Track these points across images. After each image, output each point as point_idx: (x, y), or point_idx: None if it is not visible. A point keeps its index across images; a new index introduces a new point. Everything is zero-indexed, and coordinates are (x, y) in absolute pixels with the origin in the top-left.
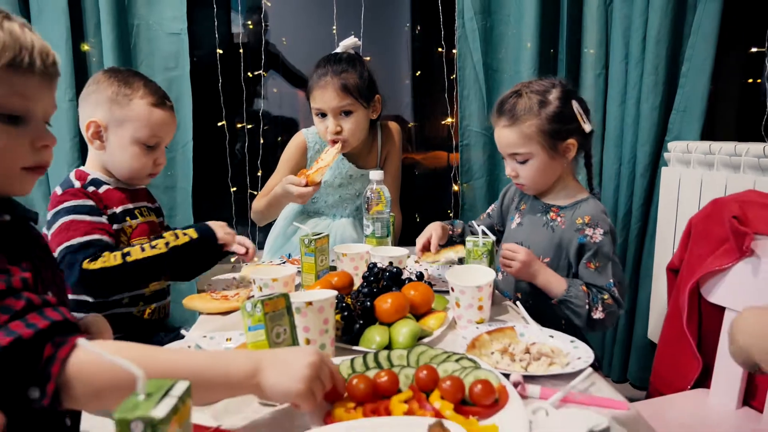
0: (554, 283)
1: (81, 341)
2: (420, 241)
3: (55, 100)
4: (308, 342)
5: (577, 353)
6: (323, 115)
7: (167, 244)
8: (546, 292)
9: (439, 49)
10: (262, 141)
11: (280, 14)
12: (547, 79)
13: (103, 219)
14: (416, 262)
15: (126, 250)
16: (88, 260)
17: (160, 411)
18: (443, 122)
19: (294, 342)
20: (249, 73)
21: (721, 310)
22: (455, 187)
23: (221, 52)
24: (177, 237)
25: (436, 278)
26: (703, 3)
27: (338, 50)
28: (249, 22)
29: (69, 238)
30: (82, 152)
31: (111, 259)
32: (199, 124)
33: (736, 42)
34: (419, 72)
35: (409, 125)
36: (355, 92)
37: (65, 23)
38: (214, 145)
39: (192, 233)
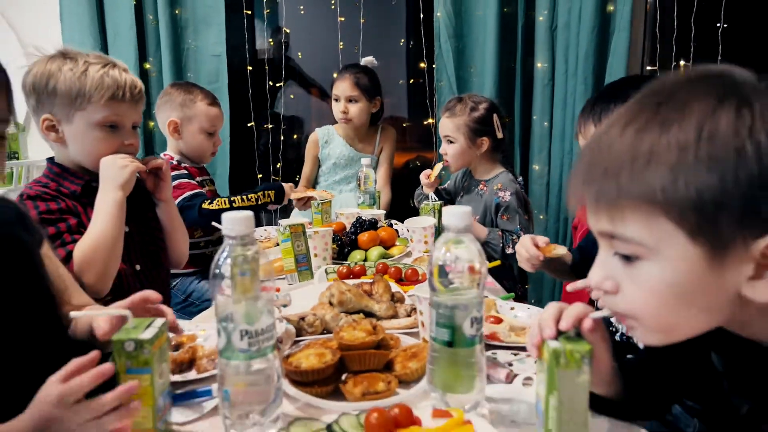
0: (480, 231)
1: None
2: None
3: (141, 113)
4: (315, 256)
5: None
6: (337, 100)
7: (257, 199)
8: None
9: (422, 64)
10: (282, 138)
11: (296, 35)
12: (485, 97)
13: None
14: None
15: (231, 198)
16: (206, 203)
17: (146, 335)
18: (425, 122)
19: (307, 251)
20: (271, 83)
21: None
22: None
23: (251, 68)
24: (264, 196)
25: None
26: (617, 31)
27: (360, 62)
28: (271, 41)
29: (182, 193)
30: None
31: (222, 203)
32: (233, 125)
33: (641, 61)
34: (412, 80)
35: (404, 124)
36: (362, 88)
37: (134, 47)
38: (244, 142)
39: (271, 194)
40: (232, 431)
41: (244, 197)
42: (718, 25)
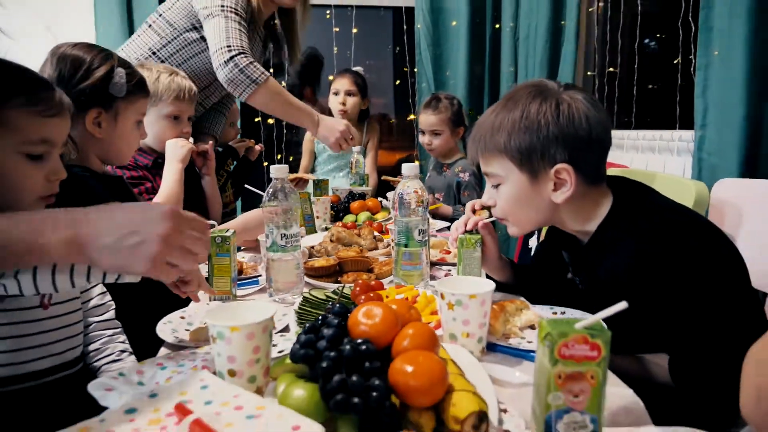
0: (445, 210)
1: None
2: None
3: (194, 108)
4: (317, 217)
5: None
6: (337, 93)
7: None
8: (443, 216)
9: (405, 68)
10: (285, 132)
11: None
12: (451, 94)
13: None
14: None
15: None
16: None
17: (227, 234)
18: (408, 119)
19: (312, 213)
20: None
21: None
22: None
23: None
24: None
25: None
26: (566, 42)
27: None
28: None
29: None
30: None
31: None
32: (243, 120)
33: (586, 68)
34: (398, 81)
35: (391, 120)
36: (358, 85)
37: None
38: (252, 135)
39: None
40: (274, 298)
41: None
42: (643, 40)
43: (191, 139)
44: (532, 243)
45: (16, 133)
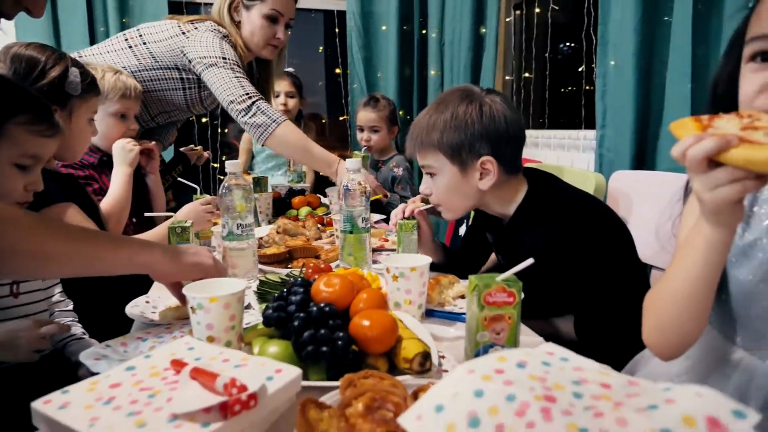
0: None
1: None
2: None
3: (139, 106)
4: (261, 212)
5: None
6: (278, 96)
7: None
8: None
9: (337, 70)
10: (226, 131)
11: None
12: (388, 96)
13: None
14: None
15: None
16: None
17: (186, 225)
18: (341, 118)
19: (255, 209)
20: None
21: None
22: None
23: None
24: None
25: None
26: (487, 49)
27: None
28: None
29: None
30: None
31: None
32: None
33: (505, 73)
34: (330, 82)
35: (323, 120)
36: (297, 86)
37: None
38: (186, 133)
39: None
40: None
41: None
42: (549, 52)
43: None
44: (462, 231)
45: (15, 147)
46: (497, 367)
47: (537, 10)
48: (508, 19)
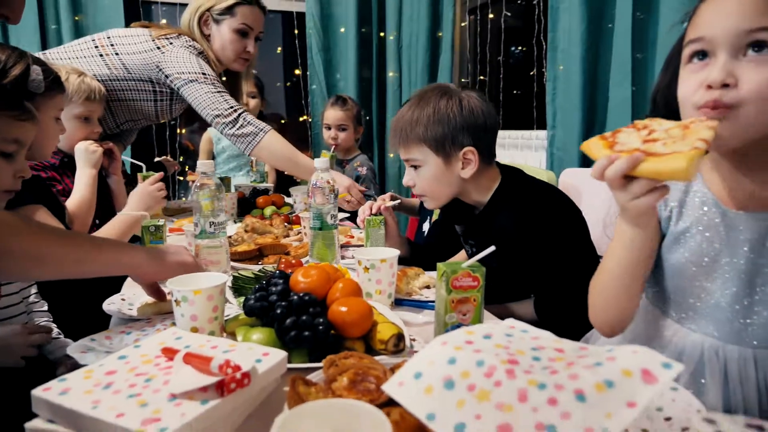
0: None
1: None
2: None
3: (102, 109)
4: (225, 212)
5: None
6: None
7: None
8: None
9: (297, 71)
10: (178, 132)
11: None
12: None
13: None
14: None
15: None
16: None
17: (160, 223)
18: (301, 119)
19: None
20: None
21: None
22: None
23: None
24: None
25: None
26: (443, 52)
27: None
28: None
29: None
30: None
31: None
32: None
33: (461, 76)
34: (289, 83)
35: (282, 120)
36: (259, 87)
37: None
38: (145, 136)
39: None
40: None
41: None
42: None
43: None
44: (425, 227)
45: None
46: (467, 339)
47: (491, 15)
48: (463, 24)
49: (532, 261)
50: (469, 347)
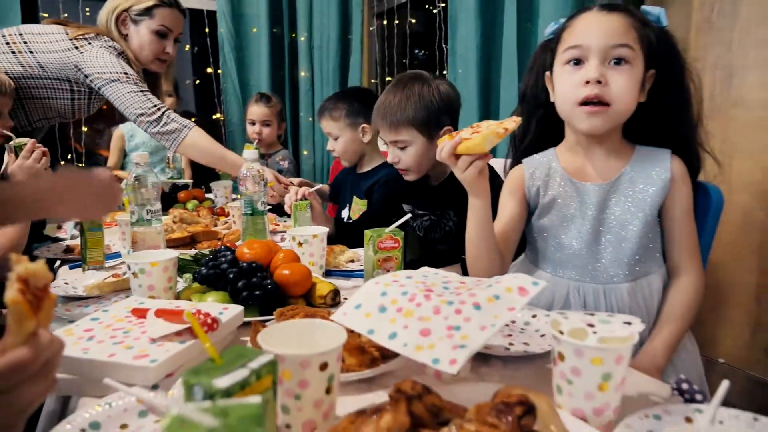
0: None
1: None
2: None
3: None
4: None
5: None
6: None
7: None
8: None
9: (209, 69)
10: (85, 129)
11: None
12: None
13: None
14: None
15: None
16: None
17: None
18: (214, 117)
19: None
20: None
21: None
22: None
23: None
24: None
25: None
26: (353, 53)
27: None
28: None
29: None
30: None
31: None
32: None
33: (370, 76)
34: (199, 81)
35: (192, 119)
36: (173, 85)
37: None
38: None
39: None
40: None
41: None
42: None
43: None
44: (344, 213)
45: None
46: (393, 279)
47: (396, 21)
48: (371, 28)
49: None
50: (395, 284)
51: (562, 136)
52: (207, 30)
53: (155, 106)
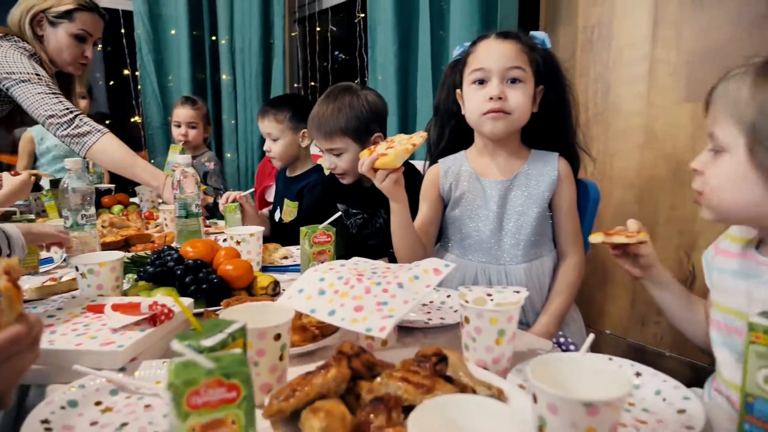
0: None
1: None
2: None
3: None
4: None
5: None
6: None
7: None
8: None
9: (126, 71)
10: None
11: None
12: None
13: None
14: None
15: None
16: None
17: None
18: (132, 120)
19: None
20: None
21: None
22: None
23: None
24: None
25: None
26: (276, 57)
27: None
28: None
29: None
30: None
31: None
32: None
33: (293, 81)
34: (112, 82)
35: (107, 121)
36: (87, 88)
37: None
38: None
39: None
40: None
41: None
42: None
43: None
44: (277, 216)
45: None
46: (330, 267)
47: (318, 28)
48: (293, 34)
49: None
50: (331, 271)
51: (471, 142)
52: (123, 31)
53: (68, 109)
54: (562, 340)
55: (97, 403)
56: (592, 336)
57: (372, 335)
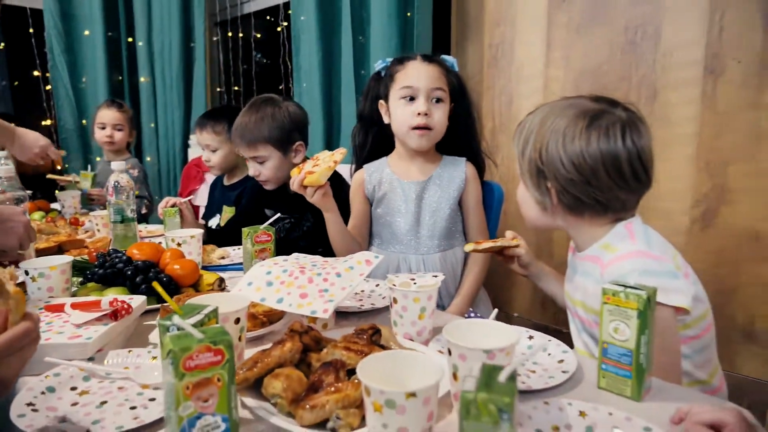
0: None
1: None
2: None
3: None
4: None
5: None
6: None
7: None
8: None
9: (36, 72)
10: None
11: None
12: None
13: None
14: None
15: None
16: None
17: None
18: (44, 123)
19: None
20: None
21: None
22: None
23: None
24: None
25: None
26: (197, 61)
27: None
28: None
29: None
30: None
31: None
32: None
33: (215, 85)
34: (17, 83)
35: (14, 123)
36: None
37: None
38: None
39: None
40: None
41: None
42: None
43: None
44: (211, 223)
45: None
46: (275, 262)
47: (241, 34)
48: (215, 38)
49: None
50: (276, 265)
51: (392, 147)
52: (32, 30)
53: None
54: (473, 315)
55: (73, 388)
56: (496, 310)
57: (316, 317)
